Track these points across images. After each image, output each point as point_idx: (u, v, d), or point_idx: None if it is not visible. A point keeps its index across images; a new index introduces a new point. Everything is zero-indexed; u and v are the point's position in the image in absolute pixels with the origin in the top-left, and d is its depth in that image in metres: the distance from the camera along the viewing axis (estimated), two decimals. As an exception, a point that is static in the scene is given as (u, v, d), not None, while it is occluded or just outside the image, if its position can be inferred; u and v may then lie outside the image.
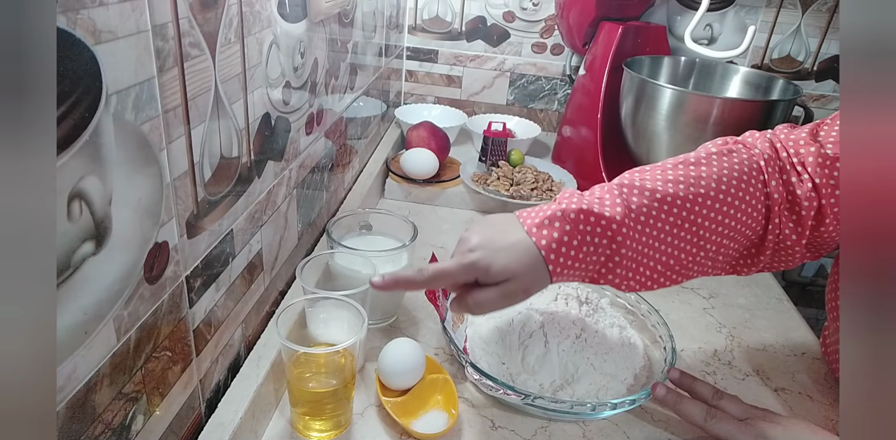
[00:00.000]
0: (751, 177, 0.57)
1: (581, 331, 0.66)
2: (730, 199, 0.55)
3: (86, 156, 0.32)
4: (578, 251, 0.50)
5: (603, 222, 0.50)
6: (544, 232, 0.50)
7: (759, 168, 0.57)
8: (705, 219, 0.55)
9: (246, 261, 0.57)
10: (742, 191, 0.56)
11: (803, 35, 1.15)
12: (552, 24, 1.21)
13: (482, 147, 1.05)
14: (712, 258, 0.57)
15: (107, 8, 0.32)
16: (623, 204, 0.52)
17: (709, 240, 0.55)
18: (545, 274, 0.50)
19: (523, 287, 0.50)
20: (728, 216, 0.55)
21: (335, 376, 0.55)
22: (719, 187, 0.55)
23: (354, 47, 0.85)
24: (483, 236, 0.51)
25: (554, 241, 0.50)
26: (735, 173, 0.56)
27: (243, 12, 0.49)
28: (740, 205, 0.56)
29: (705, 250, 0.56)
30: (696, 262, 0.57)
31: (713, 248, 0.56)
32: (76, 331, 0.34)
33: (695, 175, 0.55)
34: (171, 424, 0.47)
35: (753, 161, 0.57)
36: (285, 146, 0.62)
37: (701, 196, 0.54)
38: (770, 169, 0.57)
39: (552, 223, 0.50)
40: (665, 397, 0.59)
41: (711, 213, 0.55)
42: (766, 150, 0.59)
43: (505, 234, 0.51)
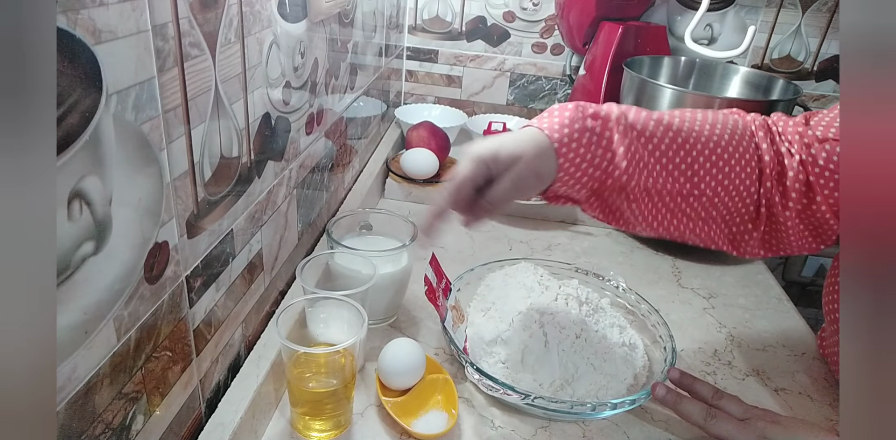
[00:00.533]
0: (744, 136, 0.59)
1: (581, 331, 0.66)
2: (724, 145, 0.57)
3: (86, 156, 0.32)
4: (581, 135, 0.52)
5: (601, 117, 0.53)
6: (545, 120, 0.53)
7: (752, 132, 0.60)
8: (700, 154, 0.56)
9: (246, 261, 0.57)
10: (736, 142, 0.58)
11: (803, 35, 1.15)
12: (552, 24, 1.21)
13: (482, 147, 1.05)
14: (706, 209, 0.58)
15: (107, 8, 0.32)
16: (619, 109, 0.55)
17: (703, 181, 0.57)
18: (551, 153, 0.51)
19: (532, 168, 0.51)
20: (722, 161, 0.57)
21: (335, 376, 0.56)
22: (713, 132, 0.57)
23: (354, 47, 0.85)
24: (489, 139, 0.54)
25: (556, 124, 0.52)
26: (729, 128, 0.59)
27: (243, 12, 0.49)
28: (734, 154, 0.58)
29: (701, 192, 0.57)
30: (692, 208, 0.58)
31: (709, 194, 0.57)
32: (76, 331, 0.34)
33: (692, 117, 0.58)
34: (171, 424, 0.47)
35: (748, 125, 0.61)
36: (285, 146, 0.62)
37: (696, 133, 0.57)
38: (762, 134, 0.60)
39: (552, 113, 0.53)
40: (665, 397, 0.59)
41: (706, 150, 0.57)
42: (759, 120, 0.62)
43: (509, 133, 0.54)
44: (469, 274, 0.75)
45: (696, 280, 0.88)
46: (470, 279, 0.75)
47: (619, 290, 0.76)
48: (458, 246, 0.91)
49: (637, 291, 0.75)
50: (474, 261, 0.82)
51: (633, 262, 0.90)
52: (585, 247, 0.94)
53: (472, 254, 0.90)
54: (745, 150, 0.58)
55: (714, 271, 0.89)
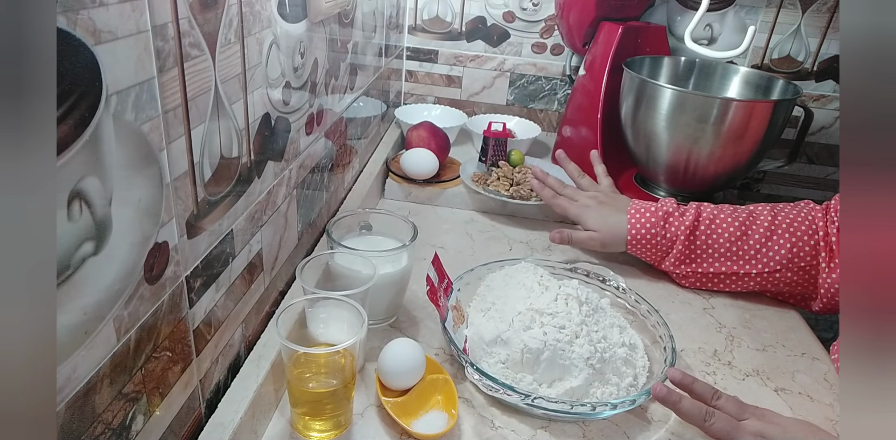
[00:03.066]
0: (802, 219, 0.80)
1: (581, 331, 0.66)
2: (776, 230, 0.80)
3: (86, 156, 0.32)
4: (650, 240, 0.82)
5: (674, 229, 0.81)
6: (635, 217, 0.83)
7: (813, 214, 0.80)
8: (756, 242, 0.80)
9: (246, 261, 0.57)
10: (786, 225, 0.80)
11: (803, 35, 1.15)
12: (552, 24, 1.21)
13: (482, 147, 1.05)
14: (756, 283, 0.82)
15: (107, 8, 0.32)
16: (699, 216, 0.82)
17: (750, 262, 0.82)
18: (623, 245, 0.84)
19: (604, 246, 0.86)
20: (778, 245, 0.80)
21: (335, 376, 0.56)
22: (773, 222, 0.81)
23: (354, 47, 0.85)
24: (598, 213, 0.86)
25: (638, 225, 0.82)
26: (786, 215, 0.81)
27: (243, 12, 0.49)
28: (784, 234, 0.80)
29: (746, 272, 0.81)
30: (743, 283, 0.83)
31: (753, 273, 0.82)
32: (76, 331, 0.34)
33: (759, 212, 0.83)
34: (171, 424, 0.47)
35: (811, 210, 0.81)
36: (285, 146, 0.62)
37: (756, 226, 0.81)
38: (821, 214, 0.80)
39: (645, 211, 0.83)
40: (665, 397, 0.58)
41: (761, 238, 0.80)
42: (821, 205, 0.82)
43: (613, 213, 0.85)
44: (469, 274, 0.75)
45: (696, 280, 0.88)
46: (470, 279, 0.75)
47: (619, 290, 0.76)
48: (458, 246, 0.91)
49: (637, 291, 0.75)
50: (474, 261, 0.82)
51: (633, 262, 0.90)
52: (585, 248, 0.94)
53: (472, 254, 0.90)
54: (797, 230, 0.78)
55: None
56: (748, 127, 0.88)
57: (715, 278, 0.83)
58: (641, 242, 0.82)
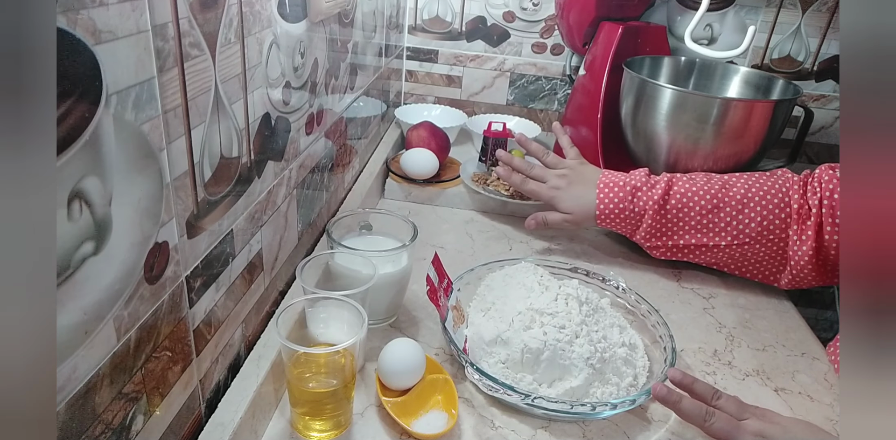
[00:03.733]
0: (774, 192, 0.81)
1: (581, 331, 0.66)
2: (748, 203, 0.80)
3: (86, 156, 0.32)
4: (619, 214, 0.83)
5: (642, 204, 0.81)
6: (603, 192, 0.83)
7: (789, 185, 0.80)
8: (727, 215, 0.81)
9: (246, 261, 0.57)
10: (759, 198, 0.80)
11: (803, 35, 1.15)
12: (552, 24, 1.21)
13: (482, 147, 1.05)
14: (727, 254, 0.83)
15: (107, 8, 0.32)
16: (669, 188, 0.81)
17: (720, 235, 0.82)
18: (593, 221, 0.85)
19: (577, 223, 0.87)
20: (749, 218, 0.81)
21: (335, 376, 0.56)
22: (745, 194, 0.80)
23: (354, 47, 0.85)
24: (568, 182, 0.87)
25: (606, 200, 0.83)
26: (760, 186, 0.81)
27: (243, 12, 0.49)
28: (755, 208, 0.80)
29: (715, 244, 0.83)
30: (713, 255, 0.84)
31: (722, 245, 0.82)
32: (76, 331, 0.34)
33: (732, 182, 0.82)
34: (171, 424, 0.47)
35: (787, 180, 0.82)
36: (285, 146, 0.62)
37: (728, 198, 0.81)
38: (797, 186, 0.80)
39: (613, 186, 0.83)
40: (665, 397, 0.58)
41: (732, 211, 0.80)
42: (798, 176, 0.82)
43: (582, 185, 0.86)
44: (469, 274, 0.75)
45: (696, 280, 0.88)
46: (470, 279, 0.75)
47: (619, 290, 0.76)
48: (458, 246, 0.91)
49: (637, 291, 0.75)
50: (474, 261, 0.82)
51: (633, 262, 0.90)
52: (585, 247, 0.94)
53: (472, 254, 0.90)
54: (769, 203, 0.79)
55: (714, 271, 0.89)
56: (748, 127, 0.88)
57: (685, 249, 0.83)
58: (610, 217, 0.83)
